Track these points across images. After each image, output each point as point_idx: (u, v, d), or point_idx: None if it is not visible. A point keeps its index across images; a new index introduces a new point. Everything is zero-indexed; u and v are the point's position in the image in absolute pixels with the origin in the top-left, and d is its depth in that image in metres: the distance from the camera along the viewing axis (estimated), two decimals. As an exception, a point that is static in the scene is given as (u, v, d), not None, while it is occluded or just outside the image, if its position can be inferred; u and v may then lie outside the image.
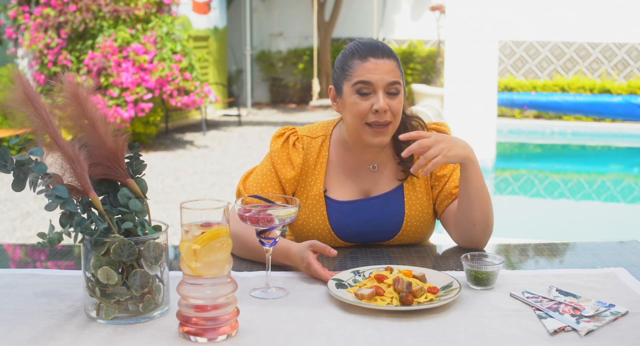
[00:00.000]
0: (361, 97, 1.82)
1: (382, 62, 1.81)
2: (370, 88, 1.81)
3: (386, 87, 1.81)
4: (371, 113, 1.82)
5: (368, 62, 1.81)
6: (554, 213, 6.55)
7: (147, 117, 8.80)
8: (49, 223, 1.38)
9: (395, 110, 1.83)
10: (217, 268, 1.30)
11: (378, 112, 1.80)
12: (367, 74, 1.81)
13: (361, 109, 1.82)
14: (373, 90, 1.81)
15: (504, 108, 10.97)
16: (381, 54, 1.82)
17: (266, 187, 1.92)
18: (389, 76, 1.81)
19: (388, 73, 1.81)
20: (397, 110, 1.83)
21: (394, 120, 1.84)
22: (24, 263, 1.84)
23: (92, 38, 8.56)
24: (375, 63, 1.81)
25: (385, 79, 1.81)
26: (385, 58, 1.82)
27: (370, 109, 1.81)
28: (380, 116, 1.81)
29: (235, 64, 13.53)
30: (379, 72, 1.81)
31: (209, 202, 1.31)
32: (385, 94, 1.82)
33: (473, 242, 1.88)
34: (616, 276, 1.64)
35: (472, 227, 1.85)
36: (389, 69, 1.82)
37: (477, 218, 1.83)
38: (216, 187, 6.84)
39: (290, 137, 1.97)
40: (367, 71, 1.81)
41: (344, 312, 1.44)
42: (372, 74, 1.81)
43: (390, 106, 1.82)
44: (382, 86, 1.81)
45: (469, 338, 1.31)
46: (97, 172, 1.44)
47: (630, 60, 11.66)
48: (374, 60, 1.81)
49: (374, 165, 1.95)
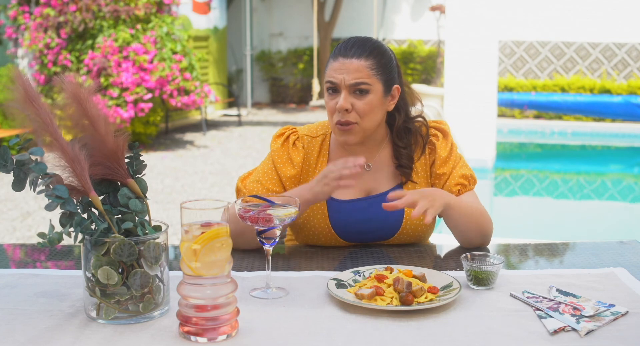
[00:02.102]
0: (329, 95, 1.86)
1: (348, 62, 1.82)
2: (335, 86, 1.84)
3: (349, 87, 1.82)
4: (337, 112, 1.84)
5: (336, 62, 1.84)
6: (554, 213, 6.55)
7: (147, 117, 8.80)
8: (49, 223, 1.38)
9: (360, 111, 1.83)
10: (217, 268, 1.30)
11: (340, 112, 1.83)
12: (333, 73, 1.84)
13: (329, 107, 1.86)
14: (339, 89, 1.84)
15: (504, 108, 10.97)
16: (352, 53, 1.83)
17: (267, 184, 1.92)
18: (352, 76, 1.81)
19: (352, 72, 1.81)
20: (362, 111, 1.83)
21: (360, 121, 1.84)
22: (24, 263, 1.84)
23: (92, 38, 8.56)
24: (342, 62, 1.83)
25: (348, 79, 1.81)
26: (354, 58, 1.82)
27: (335, 107, 1.84)
28: (342, 115, 1.83)
29: (235, 64, 13.53)
30: (343, 72, 1.82)
31: (209, 202, 1.31)
32: (351, 94, 1.82)
33: (475, 244, 1.91)
34: (616, 276, 1.64)
35: (470, 241, 1.90)
36: (354, 68, 1.82)
37: (471, 237, 1.88)
38: (216, 187, 6.84)
39: (290, 136, 1.98)
40: (333, 70, 1.84)
41: (344, 312, 1.44)
42: (336, 74, 1.83)
43: (355, 106, 1.82)
44: (345, 86, 1.82)
45: (469, 338, 1.31)
46: (97, 172, 1.44)
47: (630, 60, 11.66)
48: (342, 60, 1.83)
49: (368, 164, 1.95)
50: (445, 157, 1.95)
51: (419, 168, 1.95)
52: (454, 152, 1.96)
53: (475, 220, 1.86)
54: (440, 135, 1.97)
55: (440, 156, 1.94)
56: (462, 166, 1.95)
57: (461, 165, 1.95)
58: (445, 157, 1.95)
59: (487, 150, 7.48)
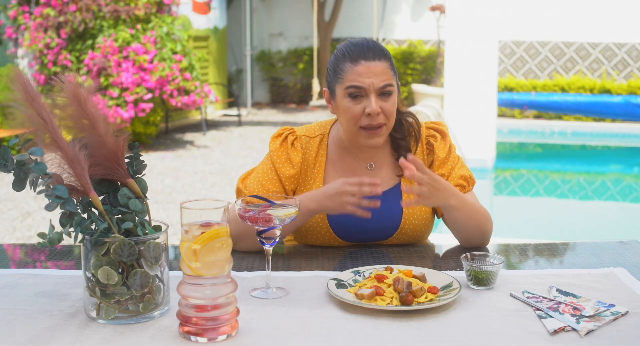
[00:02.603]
0: (353, 100, 1.82)
1: (373, 65, 1.80)
2: (362, 91, 1.81)
3: (378, 90, 1.81)
4: (364, 117, 1.81)
5: (359, 65, 1.80)
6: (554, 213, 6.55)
7: (147, 117, 8.80)
8: (49, 223, 1.38)
9: (388, 112, 1.82)
10: (217, 268, 1.30)
11: (371, 115, 1.80)
12: (359, 77, 1.80)
13: (354, 113, 1.82)
14: (365, 94, 1.81)
15: (504, 108, 10.97)
16: (372, 55, 1.81)
17: (267, 184, 1.92)
18: (380, 79, 1.80)
19: (379, 75, 1.80)
20: (390, 112, 1.83)
21: (387, 122, 1.84)
22: (24, 263, 1.84)
23: (92, 38, 8.56)
24: (367, 66, 1.80)
25: (376, 82, 1.80)
26: (376, 60, 1.81)
27: (362, 113, 1.81)
28: (373, 119, 1.81)
29: (235, 64, 13.52)
30: (370, 76, 1.79)
31: (209, 202, 1.31)
32: (378, 97, 1.81)
33: (475, 244, 1.91)
34: (616, 276, 1.64)
35: (469, 240, 1.90)
36: (380, 71, 1.80)
37: (470, 236, 1.88)
38: (216, 187, 6.84)
39: (288, 136, 1.98)
40: (358, 75, 1.80)
41: (344, 312, 1.44)
42: (363, 78, 1.80)
43: (383, 108, 1.81)
44: (374, 89, 1.80)
45: (469, 338, 1.31)
46: (97, 172, 1.44)
47: (630, 60, 11.66)
48: (365, 63, 1.80)
49: (371, 164, 1.95)
50: (443, 158, 1.95)
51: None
52: (453, 153, 1.96)
53: (476, 220, 1.86)
54: (439, 136, 1.97)
55: (439, 157, 1.94)
56: (460, 167, 1.95)
57: (460, 166, 1.95)
58: (444, 158, 1.95)
59: (487, 150, 7.48)
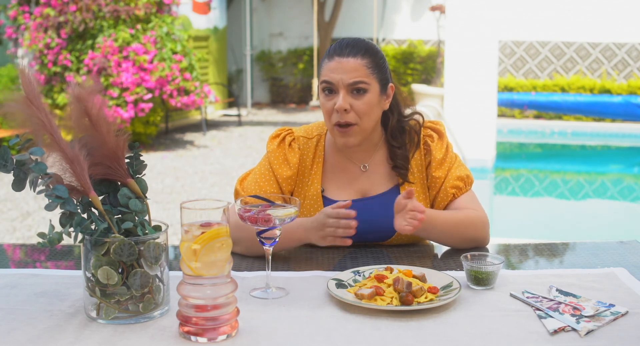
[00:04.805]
0: (326, 96, 1.84)
1: (345, 61, 1.80)
2: (333, 87, 1.82)
3: (348, 87, 1.80)
4: (335, 113, 1.82)
5: (332, 61, 1.82)
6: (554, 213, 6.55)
7: (147, 117, 8.80)
8: (49, 223, 1.38)
9: (360, 111, 1.81)
10: (217, 268, 1.30)
11: (339, 112, 1.81)
12: (330, 73, 1.81)
13: (326, 108, 1.84)
14: (336, 90, 1.82)
15: (504, 108, 10.97)
16: (348, 52, 1.81)
17: (264, 185, 1.92)
18: (351, 75, 1.80)
19: (350, 72, 1.80)
20: (362, 111, 1.82)
21: (359, 122, 1.83)
22: (24, 263, 1.84)
23: (92, 38, 8.56)
24: (339, 62, 1.81)
25: (345, 78, 1.80)
26: (350, 57, 1.81)
27: (333, 108, 1.82)
28: (342, 116, 1.81)
29: (235, 64, 13.52)
30: (340, 72, 1.80)
31: (209, 202, 1.31)
32: (349, 94, 1.81)
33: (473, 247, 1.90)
34: (616, 276, 1.64)
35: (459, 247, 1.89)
36: (352, 67, 1.80)
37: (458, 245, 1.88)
38: (216, 187, 6.84)
39: (286, 137, 1.97)
40: (330, 70, 1.82)
41: (344, 312, 1.44)
42: (333, 73, 1.81)
43: (354, 106, 1.81)
44: (344, 86, 1.80)
45: (469, 338, 1.31)
46: (98, 172, 1.44)
47: (630, 60, 11.66)
48: (338, 59, 1.81)
49: (364, 165, 1.95)
50: (440, 158, 1.94)
51: (414, 169, 1.94)
52: (450, 153, 1.96)
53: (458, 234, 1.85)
54: (436, 136, 1.96)
55: (436, 158, 1.93)
56: (457, 167, 1.94)
57: (457, 166, 1.94)
58: (441, 158, 1.94)
59: (487, 150, 7.48)
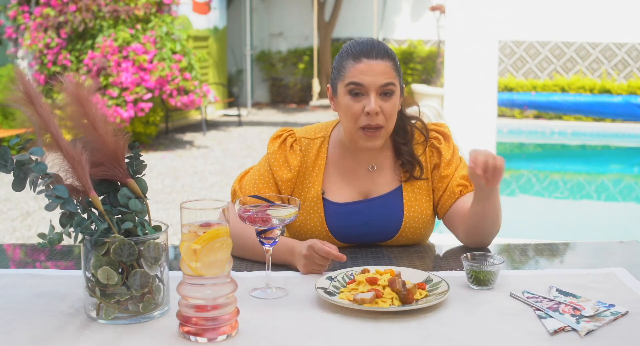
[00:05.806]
0: (353, 98, 1.81)
1: (375, 63, 1.80)
2: (362, 89, 1.80)
3: (379, 89, 1.80)
4: (363, 116, 1.81)
5: (361, 63, 1.80)
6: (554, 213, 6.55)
7: (147, 117, 8.80)
8: (49, 223, 1.38)
9: (387, 113, 1.81)
10: (217, 268, 1.30)
11: (370, 115, 1.80)
12: (360, 75, 1.79)
13: (353, 111, 1.81)
14: (365, 92, 1.80)
15: (504, 108, 10.97)
16: (375, 54, 1.81)
17: (262, 187, 1.91)
18: (381, 78, 1.79)
19: (381, 74, 1.79)
20: (389, 113, 1.82)
21: (386, 124, 1.83)
22: (24, 263, 1.84)
23: (92, 38, 8.56)
24: (369, 64, 1.80)
25: (377, 80, 1.79)
26: (379, 59, 1.80)
27: (362, 111, 1.80)
28: (372, 119, 1.80)
29: (235, 64, 13.52)
30: (371, 74, 1.79)
31: (209, 202, 1.31)
32: (378, 96, 1.80)
33: (478, 244, 1.90)
34: (616, 276, 1.64)
35: (484, 239, 1.88)
36: (382, 70, 1.80)
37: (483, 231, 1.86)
38: (216, 187, 6.84)
39: (287, 138, 1.96)
40: (359, 72, 1.80)
41: (343, 312, 1.43)
42: (364, 76, 1.79)
43: (383, 109, 1.80)
44: (375, 88, 1.79)
45: (469, 338, 1.31)
46: (98, 172, 1.44)
47: (630, 60, 11.66)
48: (367, 61, 1.80)
49: (373, 166, 1.95)
50: (448, 160, 1.94)
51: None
52: (456, 155, 1.97)
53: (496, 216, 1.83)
54: (442, 139, 1.97)
55: (445, 159, 1.94)
56: (462, 167, 1.95)
57: (462, 167, 1.95)
58: (449, 160, 1.94)
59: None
